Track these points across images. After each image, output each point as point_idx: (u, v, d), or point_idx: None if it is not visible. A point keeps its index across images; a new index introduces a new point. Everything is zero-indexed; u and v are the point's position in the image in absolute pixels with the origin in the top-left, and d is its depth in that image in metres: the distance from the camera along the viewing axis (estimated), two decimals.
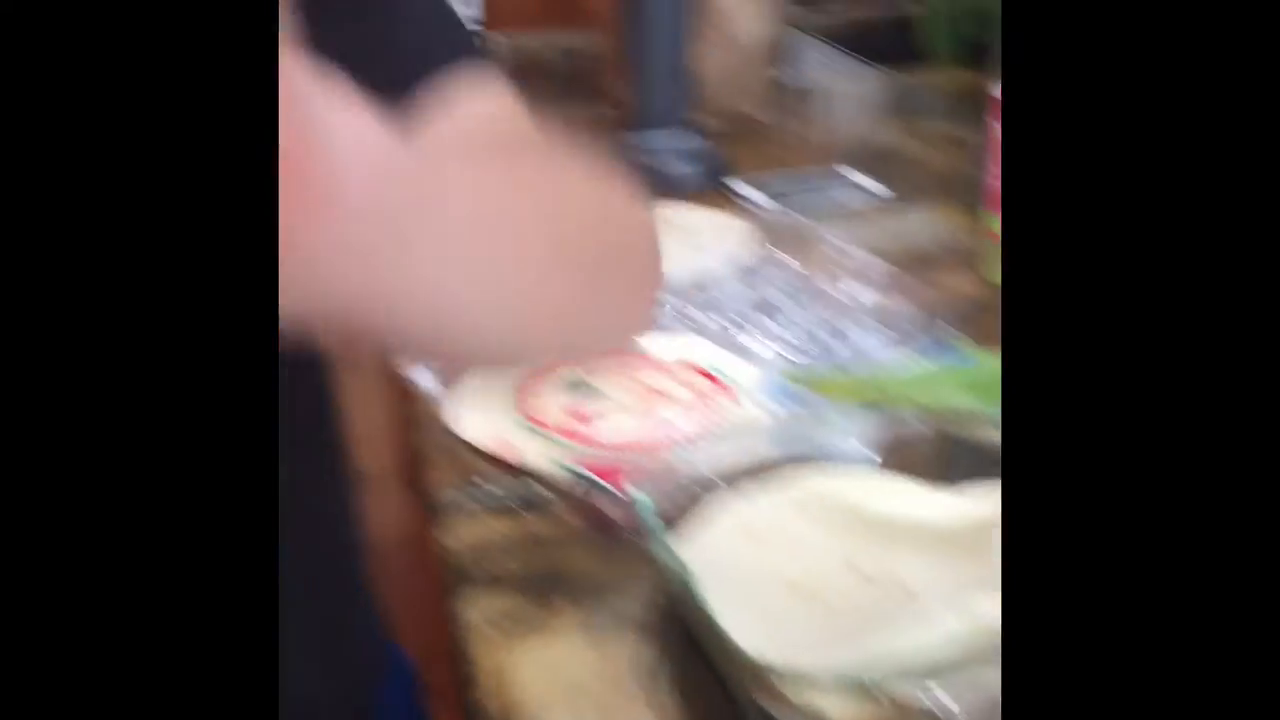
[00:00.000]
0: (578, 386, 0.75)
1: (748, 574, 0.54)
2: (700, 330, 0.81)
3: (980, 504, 0.59)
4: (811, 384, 0.65)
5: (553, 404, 0.73)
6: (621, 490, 0.55)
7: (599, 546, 0.62)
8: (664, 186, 1.02)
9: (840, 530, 0.59)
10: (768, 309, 0.82)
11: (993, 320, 0.86)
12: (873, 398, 0.60)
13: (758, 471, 0.60)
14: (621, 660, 0.54)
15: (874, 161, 1.11)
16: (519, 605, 0.58)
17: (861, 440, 0.62)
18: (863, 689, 0.42)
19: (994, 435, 0.62)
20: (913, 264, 0.95)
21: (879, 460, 0.62)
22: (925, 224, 1.02)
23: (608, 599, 0.58)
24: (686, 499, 0.58)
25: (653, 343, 0.79)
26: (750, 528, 0.58)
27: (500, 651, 0.56)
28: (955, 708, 0.40)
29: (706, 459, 0.59)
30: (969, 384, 0.66)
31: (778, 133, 1.20)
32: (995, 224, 0.88)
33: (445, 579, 0.62)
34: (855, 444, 0.62)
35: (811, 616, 0.52)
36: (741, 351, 0.78)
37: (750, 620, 0.48)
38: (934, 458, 0.63)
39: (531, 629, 0.57)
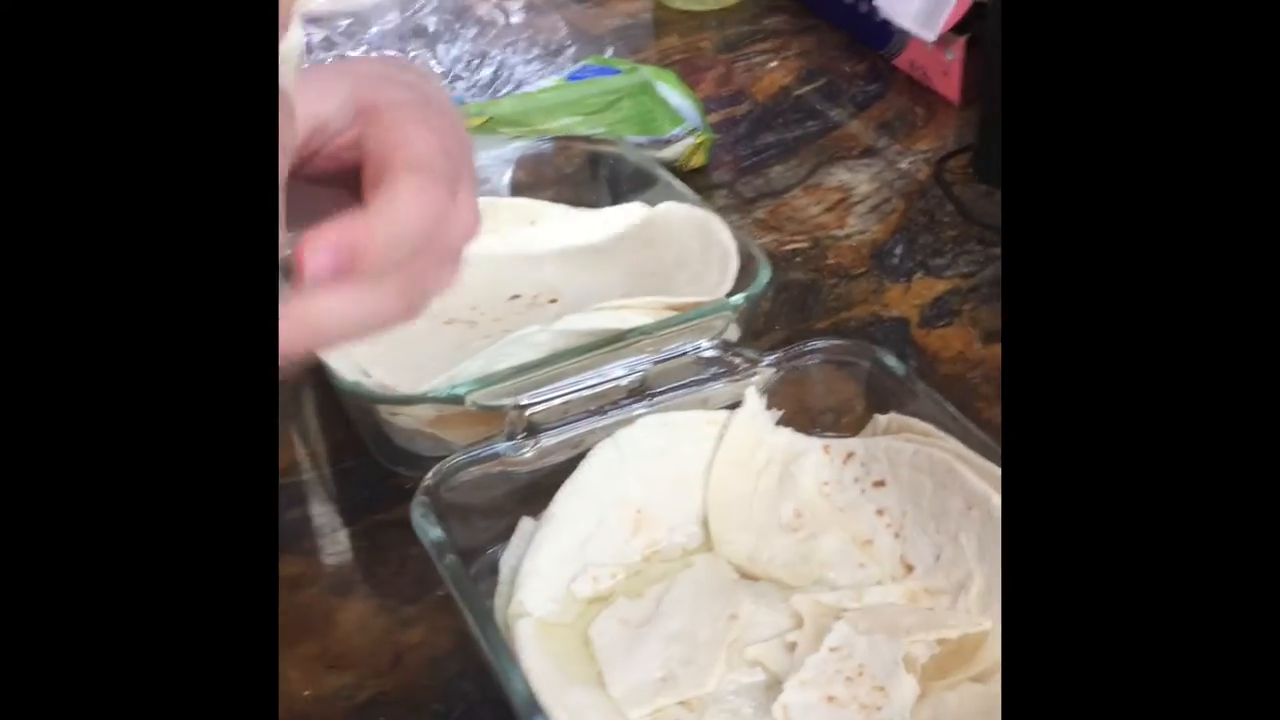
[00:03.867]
0: None
1: None
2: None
3: (616, 218, 0.58)
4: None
5: None
6: None
7: None
8: None
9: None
10: (425, 36, 0.77)
11: (663, 38, 0.83)
12: (503, 127, 0.57)
13: None
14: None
15: None
16: None
17: (506, 171, 0.59)
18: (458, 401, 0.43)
19: (640, 156, 0.61)
20: None
21: (519, 189, 0.60)
22: None
23: None
24: None
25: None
26: None
27: None
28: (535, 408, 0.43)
29: None
30: (611, 100, 0.64)
31: None
32: None
33: None
34: (500, 175, 0.60)
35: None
36: None
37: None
38: (581, 181, 0.61)
39: None
